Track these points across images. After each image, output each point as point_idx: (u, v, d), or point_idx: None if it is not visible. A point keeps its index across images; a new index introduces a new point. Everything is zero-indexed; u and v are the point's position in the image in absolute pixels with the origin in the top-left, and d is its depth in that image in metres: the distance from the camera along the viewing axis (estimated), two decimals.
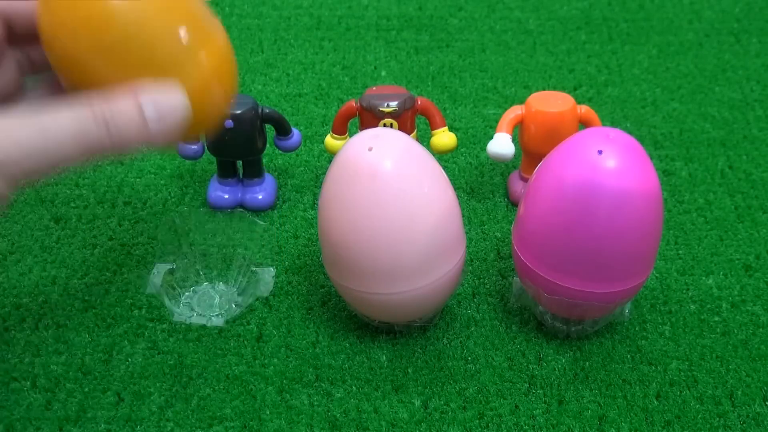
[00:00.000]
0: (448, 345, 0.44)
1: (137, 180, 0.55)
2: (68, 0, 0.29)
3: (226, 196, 0.52)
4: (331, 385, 0.42)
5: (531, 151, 0.51)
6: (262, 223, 0.49)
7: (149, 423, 0.40)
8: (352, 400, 0.41)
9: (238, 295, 0.46)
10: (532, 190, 0.40)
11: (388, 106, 0.49)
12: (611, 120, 0.61)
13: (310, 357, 0.43)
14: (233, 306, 0.46)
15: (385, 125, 0.49)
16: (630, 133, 0.38)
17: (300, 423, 0.40)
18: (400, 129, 0.48)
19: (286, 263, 0.49)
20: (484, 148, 0.56)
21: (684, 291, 0.47)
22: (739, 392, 0.41)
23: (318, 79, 0.65)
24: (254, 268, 0.47)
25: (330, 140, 0.52)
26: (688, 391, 0.41)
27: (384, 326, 0.44)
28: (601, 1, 0.76)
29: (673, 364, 0.43)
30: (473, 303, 0.46)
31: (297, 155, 0.58)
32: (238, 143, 0.50)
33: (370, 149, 0.38)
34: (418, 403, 0.41)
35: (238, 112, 0.49)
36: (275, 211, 0.53)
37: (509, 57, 0.68)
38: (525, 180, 0.53)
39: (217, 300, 0.46)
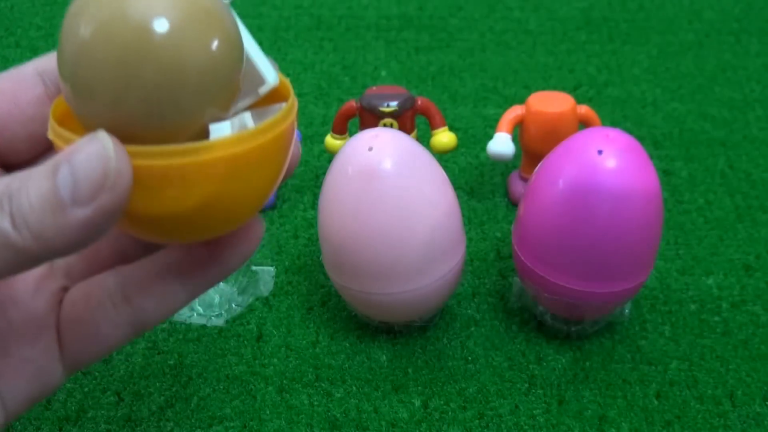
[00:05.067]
0: (448, 345, 0.44)
1: None
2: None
3: None
4: (331, 385, 0.42)
5: (531, 151, 0.51)
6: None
7: (149, 423, 0.40)
8: (352, 400, 0.41)
9: (238, 294, 0.46)
10: (532, 190, 0.40)
11: (388, 106, 0.49)
12: (611, 120, 0.61)
13: (309, 357, 0.43)
14: (233, 306, 0.46)
15: (385, 125, 0.49)
16: (630, 133, 0.38)
17: (300, 423, 0.40)
18: (400, 129, 0.48)
19: (286, 263, 0.49)
20: (484, 148, 0.56)
21: (684, 291, 0.47)
22: (739, 392, 0.41)
23: (318, 79, 0.65)
24: (254, 268, 0.47)
25: (330, 140, 0.52)
26: (688, 391, 0.41)
27: (384, 326, 0.44)
28: (601, 1, 0.76)
29: (673, 364, 0.43)
30: (473, 303, 0.46)
31: None
32: None
33: (370, 149, 0.38)
34: (418, 403, 0.41)
35: None
36: (275, 211, 0.53)
37: (509, 57, 0.68)
38: (525, 180, 0.53)
39: (217, 300, 0.46)
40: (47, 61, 0.24)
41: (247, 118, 0.23)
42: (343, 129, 0.51)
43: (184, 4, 0.20)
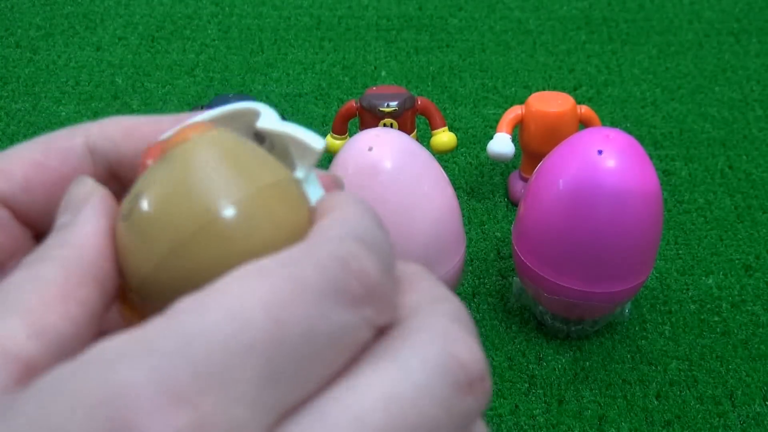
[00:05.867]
0: None
1: None
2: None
3: None
4: None
5: (531, 151, 0.51)
6: None
7: None
8: None
9: None
10: (532, 190, 0.40)
11: (388, 106, 0.49)
12: (611, 120, 0.61)
13: None
14: None
15: (385, 125, 0.49)
16: (630, 133, 0.38)
17: None
18: (400, 129, 0.48)
19: None
20: (484, 148, 0.56)
21: (684, 291, 0.47)
22: (739, 392, 0.41)
23: (318, 79, 0.65)
24: None
25: (330, 140, 0.52)
26: (688, 391, 0.41)
27: None
28: (601, 1, 0.76)
29: (673, 364, 0.43)
30: (473, 303, 0.46)
31: None
32: None
33: (370, 149, 0.38)
34: None
35: None
36: None
37: (509, 57, 0.68)
38: (525, 180, 0.53)
39: None
40: (98, 135, 0.21)
41: None
42: (343, 129, 0.51)
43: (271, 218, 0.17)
